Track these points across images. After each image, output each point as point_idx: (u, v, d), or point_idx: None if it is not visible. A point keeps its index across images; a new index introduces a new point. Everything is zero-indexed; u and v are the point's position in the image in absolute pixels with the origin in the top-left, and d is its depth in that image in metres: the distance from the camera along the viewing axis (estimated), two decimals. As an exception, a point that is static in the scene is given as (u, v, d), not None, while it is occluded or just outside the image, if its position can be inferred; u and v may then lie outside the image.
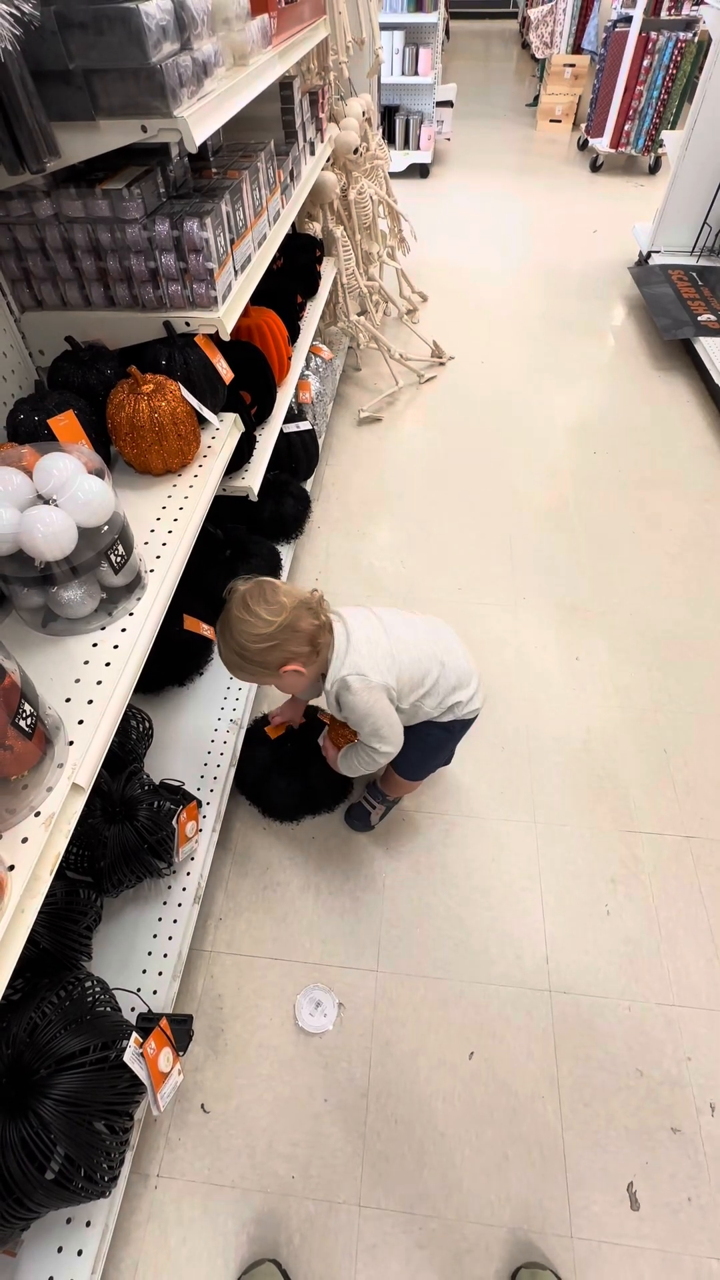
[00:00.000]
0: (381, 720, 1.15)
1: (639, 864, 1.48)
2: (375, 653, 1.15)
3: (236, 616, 1.08)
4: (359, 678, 1.12)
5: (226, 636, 1.09)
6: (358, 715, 1.15)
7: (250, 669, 1.11)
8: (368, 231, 2.91)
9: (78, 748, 0.78)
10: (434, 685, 1.21)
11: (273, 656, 1.08)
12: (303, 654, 1.11)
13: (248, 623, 1.07)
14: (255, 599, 1.08)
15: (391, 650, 1.17)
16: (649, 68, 4.97)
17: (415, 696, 1.20)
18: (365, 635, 1.16)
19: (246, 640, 1.07)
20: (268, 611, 1.08)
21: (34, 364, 1.28)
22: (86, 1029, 0.91)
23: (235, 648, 1.09)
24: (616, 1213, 1.09)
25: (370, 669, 1.13)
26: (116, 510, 0.89)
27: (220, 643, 1.12)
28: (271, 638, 1.07)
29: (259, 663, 1.09)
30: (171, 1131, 1.16)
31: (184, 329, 1.22)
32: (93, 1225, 0.95)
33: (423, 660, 1.20)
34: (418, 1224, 1.09)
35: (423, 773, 1.46)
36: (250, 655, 1.08)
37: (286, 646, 1.09)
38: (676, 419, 2.83)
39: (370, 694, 1.13)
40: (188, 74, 0.98)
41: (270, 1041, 1.26)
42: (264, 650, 1.08)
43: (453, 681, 1.24)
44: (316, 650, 1.12)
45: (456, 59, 9.40)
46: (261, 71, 1.29)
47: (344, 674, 1.12)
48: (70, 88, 0.91)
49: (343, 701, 1.15)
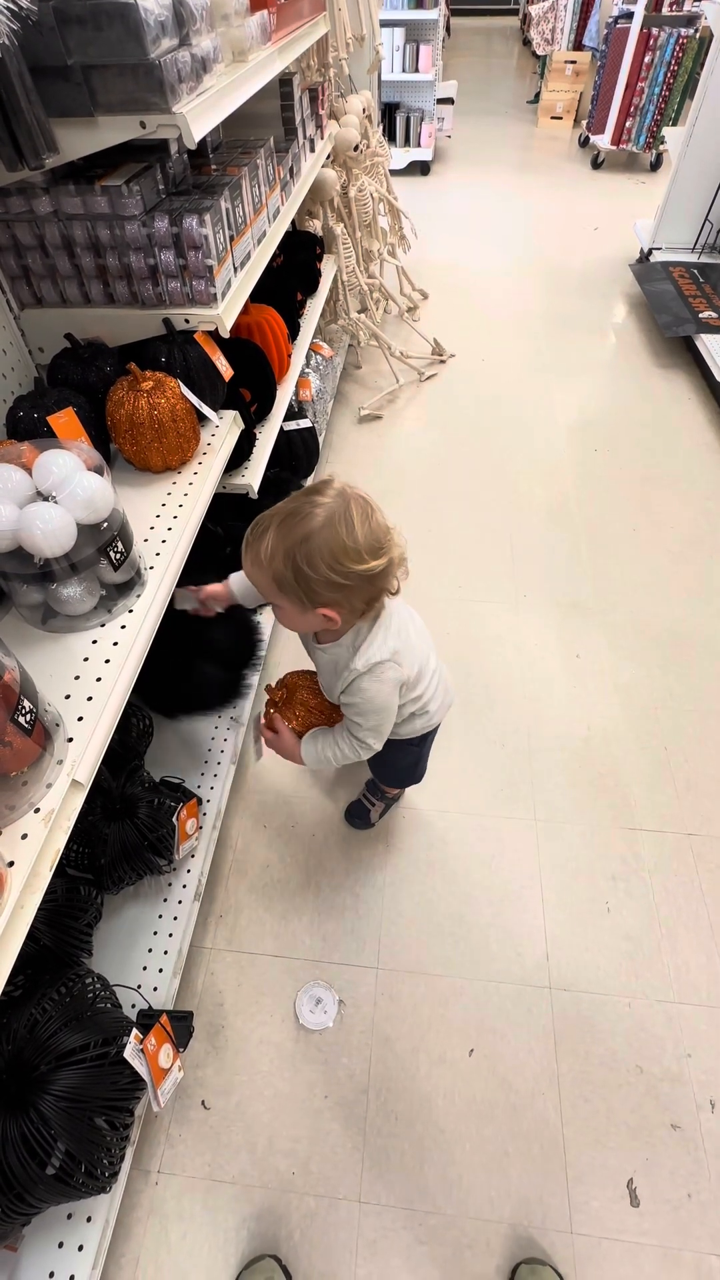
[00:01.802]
0: (388, 717, 1.02)
1: (639, 861, 1.48)
2: (410, 640, 1.00)
3: (330, 519, 0.81)
4: (395, 667, 0.96)
5: (290, 532, 0.82)
6: (372, 707, 0.99)
7: (288, 587, 0.84)
8: (368, 229, 2.91)
9: (77, 745, 0.78)
10: (423, 692, 1.09)
11: (329, 592, 0.84)
12: (357, 609, 0.90)
13: (338, 538, 0.80)
14: (364, 514, 0.83)
15: (417, 645, 1.04)
16: (650, 64, 4.95)
17: (407, 697, 1.08)
18: (405, 615, 1.01)
19: (319, 558, 0.81)
20: (369, 538, 0.82)
21: (33, 361, 1.27)
22: (87, 1025, 0.91)
23: (295, 556, 0.81)
24: (616, 1209, 1.09)
25: (406, 658, 0.98)
26: (116, 507, 0.89)
27: (270, 532, 0.83)
28: (348, 575, 0.82)
29: (308, 582, 0.83)
30: (172, 1128, 1.17)
31: (183, 326, 1.22)
32: (94, 1220, 0.95)
33: (428, 665, 1.08)
34: (418, 1220, 1.09)
35: (403, 781, 1.44)
36: (307, 576, 0.82)
37: (351, 591, 0.86)
38: (678, 416, 2.83)
39: (394, 687, 0.98)
40: (186, 70, 0.98)
41: (271, 1038, 1.26)
42: (329, 577, 0.82)
43: (439, 692, 1.14)
44: (366, 611, 0.92)
45: (457, 56, 9.37)
46: (261, 68, 1.29)
47: (383, 658, 0.94)
48: (68, 84, 0.91)
49: (362, 688, 0.96)
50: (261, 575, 0.86)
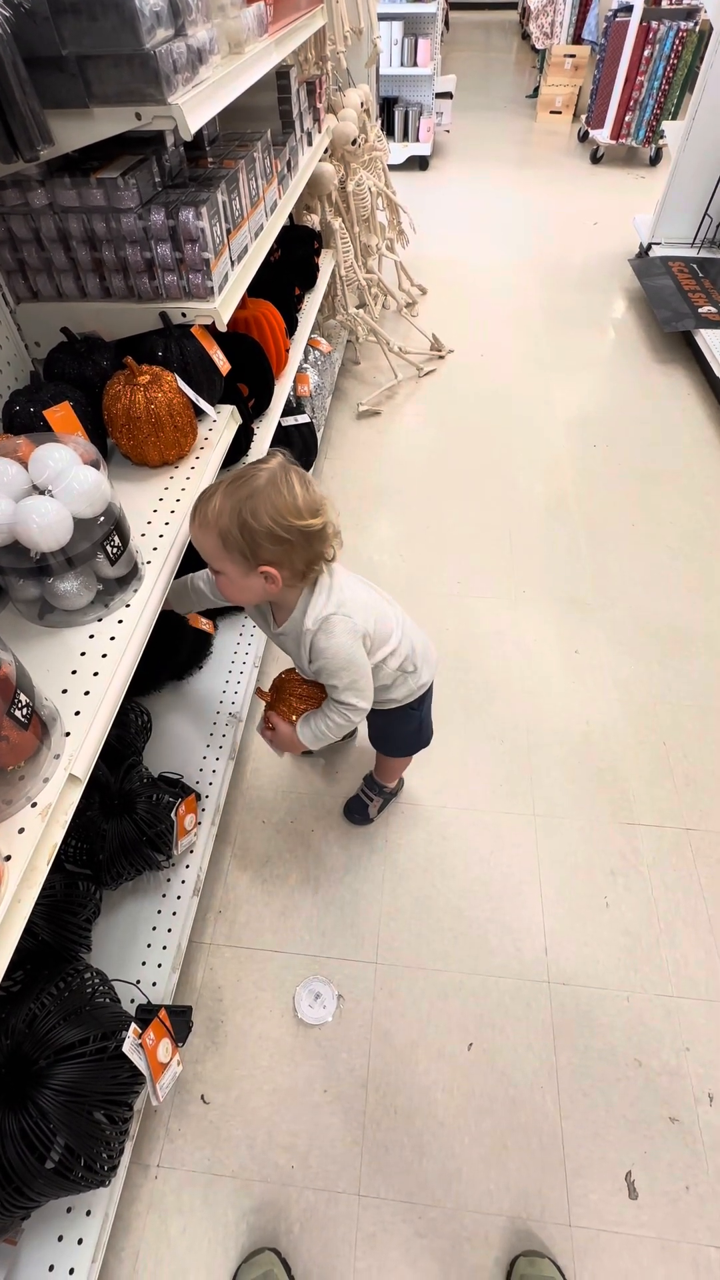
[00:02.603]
0: (360, 671, 1.04)
1: (638, 856, 1.48)
2: (358, 595, 1.05)
3: (272, 479, 0.89)
4: (344, 618, 1.00)
5: (235, 492, 0.90)
6: (337, 663, 1.02)
7: (232, 543, 0.91)
8: (366, 224, 2.90)
9: (74, 739, 0.78)
10: (397, 646, 1.12)
11: (270, 548, 0.91)
12: (296, 568, 0.96)
13: (281, 496, 0.89)
14: (302, 480, 0.91)
15: (368, 600, 1.08)
16: (650, 58, 4.93)
17: (382, 654, 1.10)
18: (349, 578, 1.06)
19: (263, 511, 0.88)
20: (307, 499, 0.91)
21: (30, 355, 1.27)
22: (85, 1020, 0.91)
23: (241, 510, 0.88)
24: (615, 1201, 1.10)
25: (354, 610, 1.02)
26: (112, 501, 0.89)
27: (217, 495, 0.91)
28: (289, 529, 0.89)
29: (250, 543, 0.90)
30: (171, 1122, 1.17)
31: (180, 320, 1.21)
32: (93, 1214, 0.95)
33: (387, 619, 1.11)
34: (417, 1213, 1.09)
35: (411, 748, 1.42)
36: (252, 528, 0.89)
37: (292, 548, 0.92)
38: (677, 412, 2.82)
39: (353, 639, 1.01)
40: (182, 61, 0.97)
41: (270, 1033, 1.26)
42: (270, 533, 0.89)
43: (417, 647, 1.16)
44: (306, 573, 0.98)
45: (456, 50, 9.34)
46: (258, 59, 1.28)
47: (328, 612, 0.99)
48: (63, 74, 0.90)
49: (320, 647, 1.01)
50: (208, 536, 0.93)
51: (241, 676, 1.64)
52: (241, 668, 1.66)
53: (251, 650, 1.70)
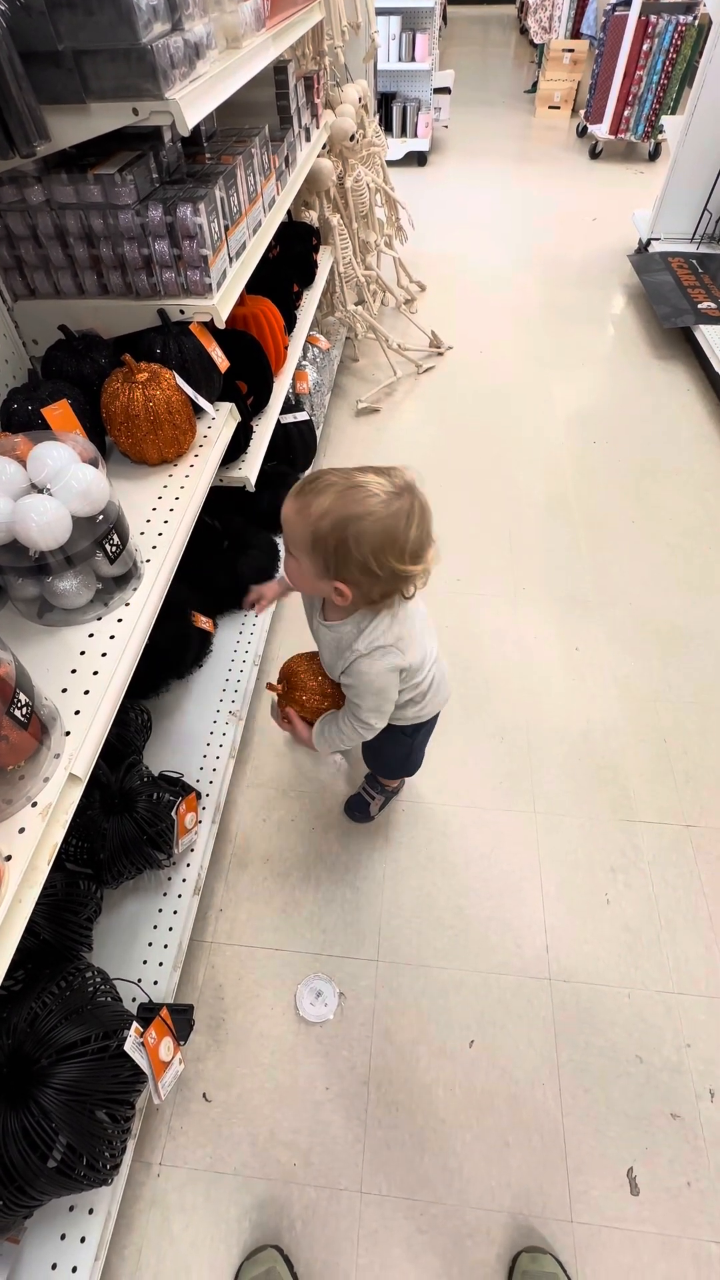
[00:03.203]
0: (387, 699, 1.03)
1: (639, 853, 1.48)
2: (414, 628, 1.00)
3: (391, 512, 0.82)
4: (397, 654, 0.96)
5: (349, 504, 0.82)
6: (370, 689, 0.99)
7: (320, 548, 0.84)
8: (365, 220, 2.88)
9: (74, 738, 0.78)
10: (420, 681, 1.08)
11: (355, 574, 0.85)
12: (370, 597, 0.90)
13: (392, 534, 0.81)
14: (421, 520, 0.84)
15: (421, 635, 1.03)
16: (649, 52, 4.92)
17: (405, 684, 1.07)
18: (411, 608, 0.99)
19: (367, 541, 0.81)
20: (416, 543, 0.84)
21: (28, 353, 1.26)
22: (87, 1019, 0.91)
23: (347, 527, 0.82)
24: (616, 1197, 1.10)
25: (409, 646, 0.98)
26: (111, 499, 0.88)
27: (329, 494, 0.83)
28: (384, 568, 0.83)
29: (339, 559, 0.84)
30: (174, 1120, 1.17)
31: (179, 317, 1.21)
32: (95, 1212, 0.95)
33: (427, 655, 1.07)
34: (419, 1209, 1.09)
35: (395, 772, 1.46)
36: (348, 550, 0.82)
37: (376, 581, 0.86)
38: (676, 408, 2.81)
39: (394, 673, 0.99)
40: (179, 55, 0.96)
41: (271, 1031, 1.26)
42: (363, 563, 0.83)
43: (435, 680, 1.13)
44: (378, 602, 0.92)
45: (454, 45, 9.30)
46: (255, 54, 1.27)
47: (386, 643, 0.95)
48: (59, 69, 0.90)
49: (361, 670, 0.97)
50: (301, 526, 0.85)
51: (241, 675, 1.64)
52: (241, 666, 1.66)
53: (251, 649, 1.70)
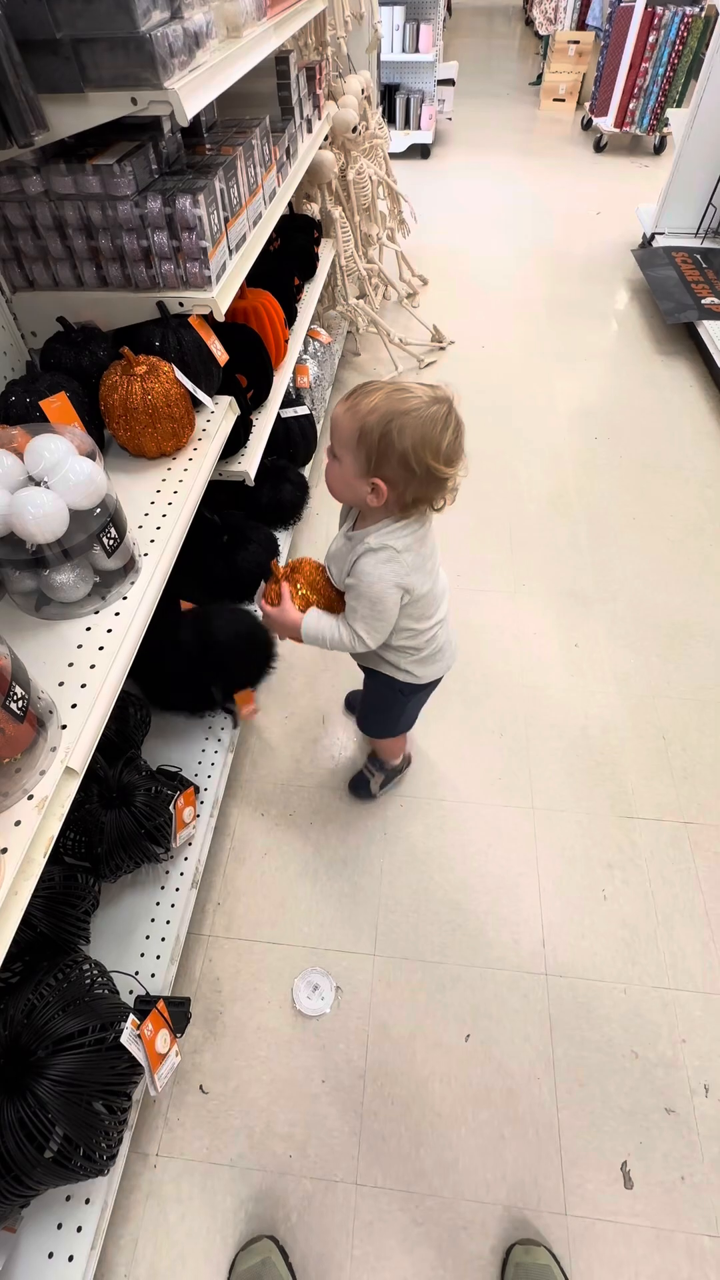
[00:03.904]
0: (382, 614, 1.03)
1: (636, 849, 1.49)
2: (425, 561, 1.03)
3: (433, 412, 0.88)
4: (399, 562, 0.98)
5: (396, 401, 0.88)
6: (369, 593, 1.00)
7: (365, 442, 0.89)
8: (367, 213, 2.87)
9: (71, 731, 0.78)
10: (428, 629, 1.12)
11: (394, 468, 0.90)
12: (404, 498, 0.94)
13: (432, 430, 0.88)
14: (457, 429, 0.91)
15: (432, 573, 1.06)
16: (654, 44, 4.87)
17: (411, 624, 1.09)
18: (433, 546, 1.05)
19: (410, 434, 0.87)
20: (452, 447, 0.90)
21: (26, 345, 1.26)
22: (84, 1011, 0.91)
23: (392, 420, 0.87)
24: (610, 1191, 1.10)
25: (413, 568, 1.00)
26: (109, 493, 0.88)
27: (379, 393, 0.89)
28: (421, 463, 0.88)
29: (381, 452, 0.89)
30: (170, 1112, 1.17)
31: (177, 309, 1.20)
32: (92, 1202, 0.96)
33: (437, 601, 1.10)
34: (414, 1202, 1.10)
35: (375, 729, 1.44)
36: (390, 442, 0.88)
37: (411, 479, 0.91)
38: (679, 404, 2.80)
39: (394, 585, 0.99)
40: (178, 44, 0.95)
41: (268, 1024, 1.27)
42: (403, 456, 0.88)
43: (439, 641, 1.17)
44: (409, 507, 0.96)
45: (458, 36, 9.22)
46: (256, 44, 1.26)
47: (395, 545, 0.97)
48: (57, 58, 0.89)
49: (364, 569, 0.99)
50: (350, 422, 0.91)
51: (240, 669, 1.63)
52: (240, 661, 1.66)
53: (250, 643, 1.70)
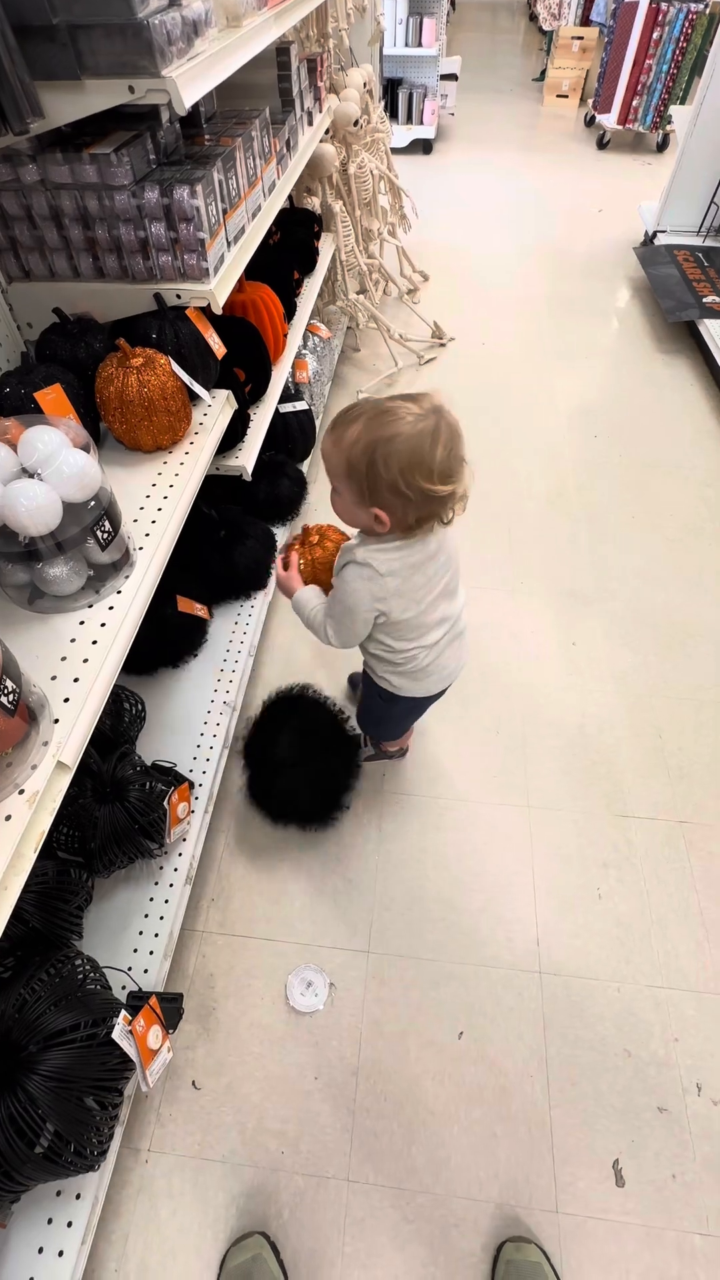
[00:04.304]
0: (350, 622, 1.03)
1: (631, 848, 1.48)
2: (414, 589, 1.00)
3: (417, 431, 0.84)
4: (378, 583, 0.96)
5: (377, 427, 0.86)
6: (342, 598, 1.01)
7: (355, 475, 0.89)
8: (368, 207, 2.85)
9: (63, 726, 0.77)
10: (405, 649, 1.09)
11: (388, 497, 0.88)
12: (408, 522, 0.92)
13: (419, 453, 0.84)
14: (448, 440, 0.86)
15: (420, 601, 1.02)
16: (659, 40, 4.85)
17: (390, 643, 1.09)
18: (430, 577, 1.01)
19: (395, 462, 0.84)
20: (444, 464, 0.86)
21: (22, 337, 1.25)
22: (76, 1006, 0.91)
23: (375, 450, 0.85)
24: (602, 1189, 1.11)
25: (395, 595, 0.98)
26: (103, 485, 0.87)
27: (359, 422, 0.88)
28: (413, 488, 0.86)
29: (371, 483, 0.88)
30: (163, 1107, 1.17)
31: (175, 301, 1.19)
32: (83, 1198, 0.96)
33: (424, 631, 1.07)
34: (406, 1199, 1.10)
35: (366, 725, 1.50)
36: (377, 473, 0.86)
37: (409, 504, 0.89)
38: (679, 403, 2.79)
39: (368, 600, 0.98)
40: (177, 32, 0.94)
41: (261, 1020, 1.26)
42: (393, 485, 0.86)
43: (427, 665, 1.13)
44: (414, 528, 0.93)
45: (461, 31, 9.16)
46: (256, 34, 1.25)
47: (374, 564, 0.95)
48: (54, 44, 0.88)
49: (345, 575, 1.00)
50: (337, 456, 0.91)
51: (237, 665, 1.63)
52: (237, 656, 1.65)
53: (247, 639, 1.69)
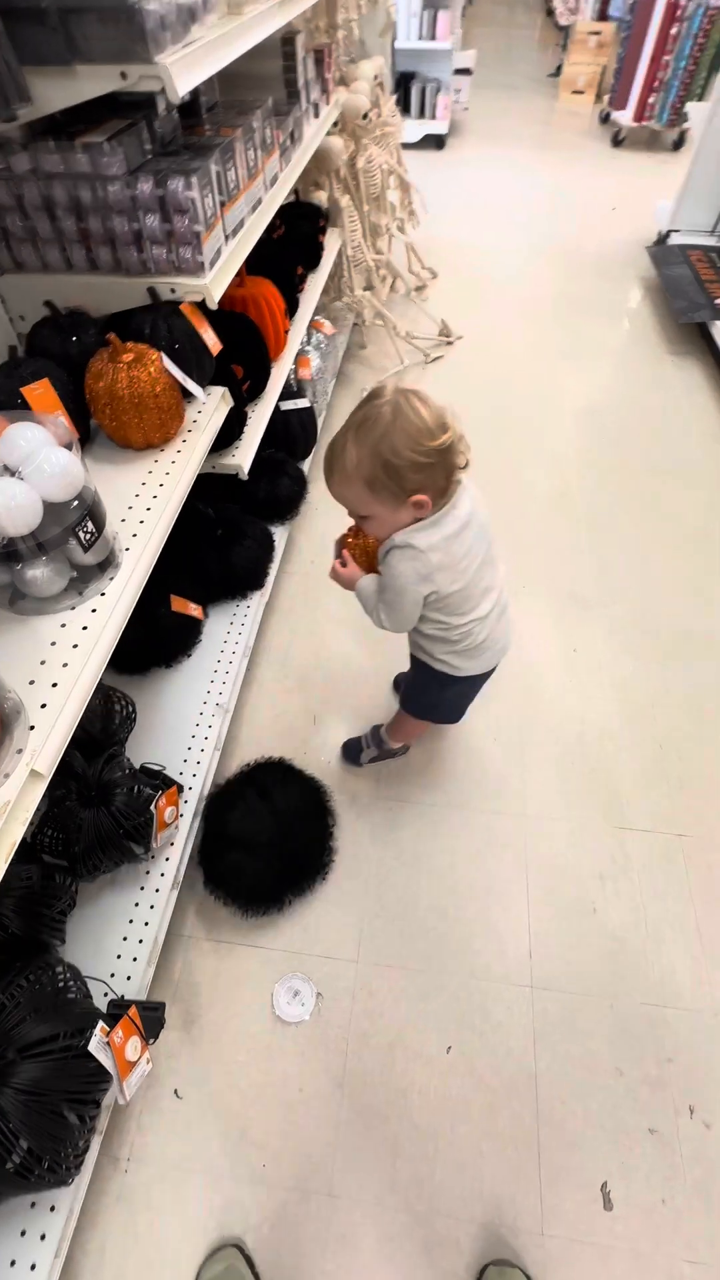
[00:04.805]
0: (403, 605, 1.04)
1: (628, 861, 1.45)
2: (456, 559, 1.00)
3: (396, 410, 0.88)
4: (423, 562, 0.97)
5: (366, 436, 0.89)
6: (392, 584, 1.02)
7: (379, 485, 0.91)
8: (376, 202, 2.81)
9: (39, 733, 0.75)
10: (464, 624, 1.10)
11: (415, 477, 0.90)
12: (439, 486, 0.94)
13: (411, 423, 0.87)
14: (421, 399, 0.90)
15: (465, 569, 1.02)
16: (677, 36, 4.77)
17: (446, 618, 1.09)
18: (467, 547, 1.01)
19: (401, 444, 0.87)
20: (434, 417, 0.89)
21: (14, 330, 1.23)
22: (54, 1016, 0.89)
23: (380, 451, 0.88)
24: (589, 1212, 1.08)
25: (443, 570, 0.99)
26: (86, 485, 0.85)
27: (349, 446, 0.90)
28: (428, 453, 0.88)
29: (397, 479, 0.90)
30: (144, 1116, 1.15)
31: (169, 296, 1.17)
32: (57, 1210, 0.94)
33: (476, 599, 1.08)
34: (388, 1216, 1.08)
35: (421, 712, 1.42)
36: (395, 465, 0.88)
37: (434, 469, 0.91)
38: (688, 406, 2.75)
39: (416, 580, 0.99)
40: (172, 18, 0.92)
41: (246, 1029, 1.24)
42: (413, 463, 0.88)
43: (482, 639, 1.16)
44: (448, 487, 0.95)
45: (477, 24, 9.06)
46: (258, 22, 1.22)
47: (415, 545, 0.96)
48: (44, 28, 0.85)
49: (389, 561, 1.00)
50: (352, 488, 0.94)
51: (230, 667, 1.61)
52: (231, 657, 1.63)
53: (242, 640, 1.67)
